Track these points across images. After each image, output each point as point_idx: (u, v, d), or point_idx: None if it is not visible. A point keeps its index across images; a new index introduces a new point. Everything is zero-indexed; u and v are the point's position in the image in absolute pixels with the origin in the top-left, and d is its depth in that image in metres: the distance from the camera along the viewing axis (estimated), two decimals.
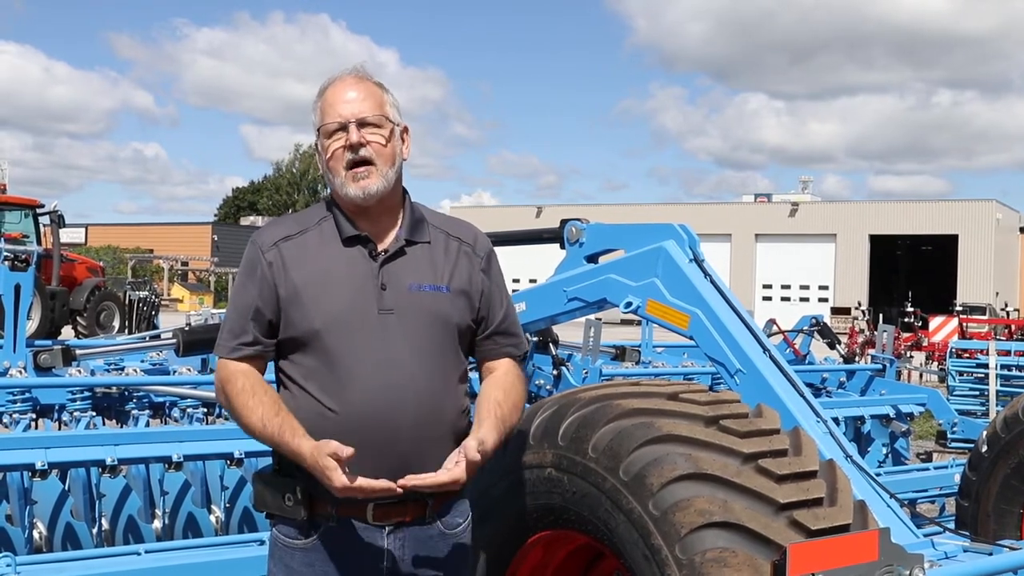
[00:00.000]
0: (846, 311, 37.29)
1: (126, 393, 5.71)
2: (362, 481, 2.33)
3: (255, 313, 2.51)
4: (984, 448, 4.66)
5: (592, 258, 4.50)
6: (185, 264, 56.46)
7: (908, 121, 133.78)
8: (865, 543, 2.11)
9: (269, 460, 2.60)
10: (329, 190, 2.63)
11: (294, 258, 2.51)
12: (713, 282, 3.94)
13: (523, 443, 2.88)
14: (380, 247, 2.54)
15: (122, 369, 6.02)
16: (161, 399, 5.84)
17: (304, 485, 2.47)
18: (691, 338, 3.90)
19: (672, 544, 2.41)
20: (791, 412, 3.47)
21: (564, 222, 4.64)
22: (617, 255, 4.36)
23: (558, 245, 4.68)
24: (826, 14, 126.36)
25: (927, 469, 6.19)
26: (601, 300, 4.25)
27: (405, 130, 2.63)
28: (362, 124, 2.51)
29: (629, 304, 4.06)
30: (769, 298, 52.77)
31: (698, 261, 3.98)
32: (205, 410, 5.78)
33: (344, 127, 2.51)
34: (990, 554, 2.90)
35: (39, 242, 21.41)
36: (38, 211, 21.67)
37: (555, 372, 5.93)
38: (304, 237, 2.55)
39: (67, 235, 37.04)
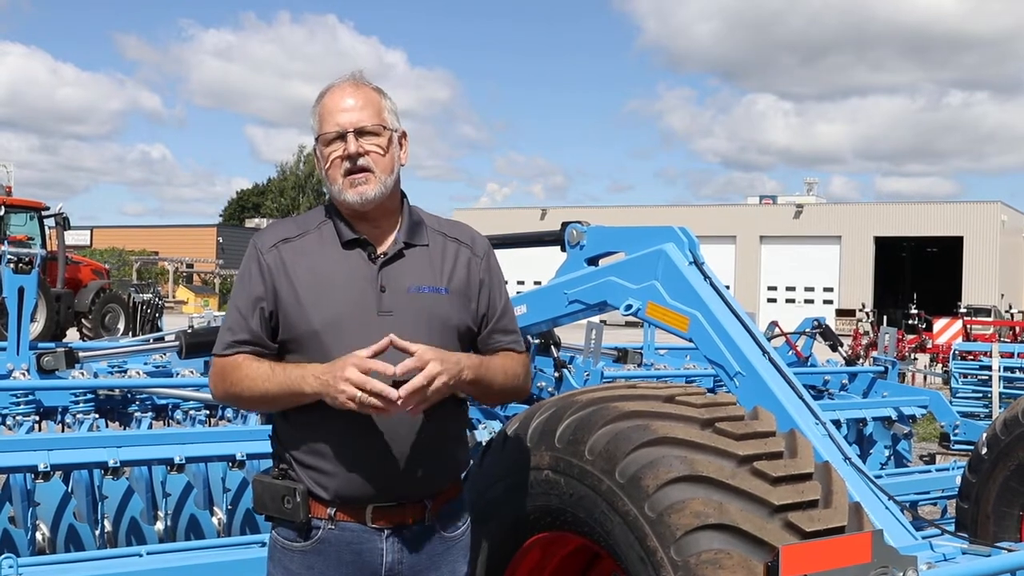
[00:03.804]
0: (851, 313, 37.25)
1: (129, 395, 5.72)
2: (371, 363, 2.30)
3: (257, 312, 2.52)
4: (984, 450, 4.67)
5: (593, 260, 4.51)
6: (190, 266, 56.66)
7: (917, 122, 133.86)
8: (858, 545, 2.12)
9: (271, 462, 2.62)
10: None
11: (293, 260, 2.54)
12: (713, 285, 3.95)
13: (520, 445, 2.90)
14: (379, 250, 2.56)
15: (125, 371, 6.03)
16: (164, 401, 5.85)
17: (304, 488, 2.49)
18: (691, 340, 3.92)
19: (667, 546, 2.42)
20: (790, 415, 3.48)
21: (565, 224, 4.65)
22: (617, 258, 4.37)
23: (559, 248, 4.69)
24: (836, 14, 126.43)
25: (928, 471, 6.19)
26: (601, 302, 4.26)
27: (403, 136, 2.65)
28: (360, 133, 2.53)
29: (629, 306, 4.08)
30: (774, 300, 52.74)
31: (698, 264, 3.99)
32: (208, 412, 5.79)
33: (342, 136, 2.53)
34: (988, 556, 2.91)
35: (44, 245, 21.48)
36: (43, 213, 21.74)
37: (556, 375, 5.93)
38: (303, 240, 2.57)
39: (72, 237, 37.26)
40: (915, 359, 19.65)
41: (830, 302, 50.72)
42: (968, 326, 22.77)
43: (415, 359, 2.33)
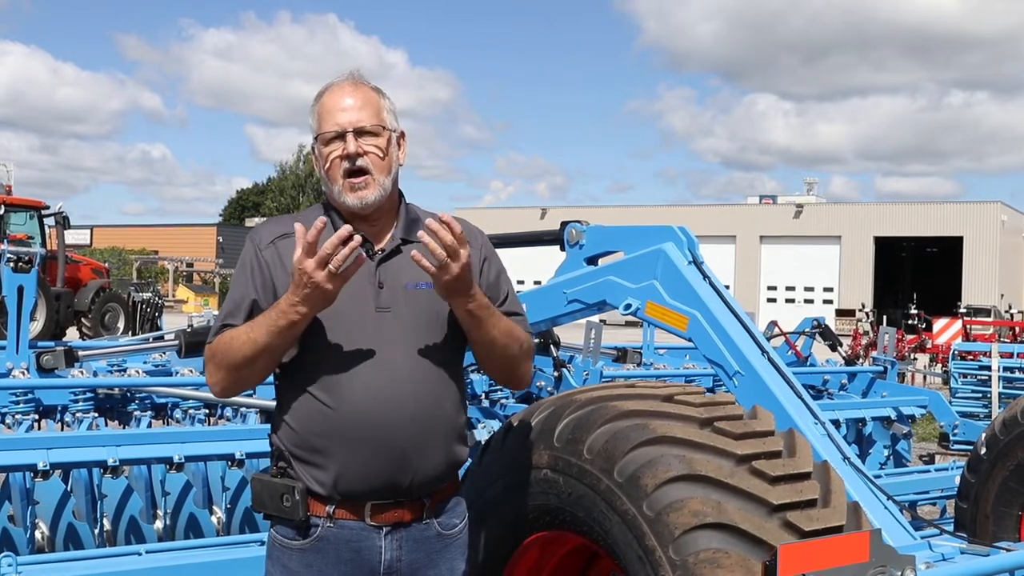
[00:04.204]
0: (850, 313, 37.24)
1: (128, 394, 5.72)
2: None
3: (251, 303, 2.53)
4: (983, 450, 4.67)
5: (592, 260, 4.51)
6: (190, 265, 56.68)
7: (918, 122, 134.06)
8: (856, 544, 2.12)
9: (270, 461, 2.62)
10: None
11: (291, 255, 2.53)
12: (712, 284, 3.95)
13: (519, 444, 2.90)
14: (376, 247, 2.57)
15: (124, 370, 6.03)
16: (163, 400, 5.84)
17: (302, 486, 2.49)
18: (690, 340, 3.92)
19: (666, 545, 2.42)
20: (788, 414, 3.49)
21: (564, 224, 4.65)
22: (616, 257, 4.37)
23: (558, 247, 4.69)
24: (837, 14, 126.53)
25: (928, 471, 6.19)
26: (600, 302, 4.26)
27: (401, 135, 2.65)
28: (360, 133, 2.53)
29: (628, 306, 4.08)
30: (774, 300, 52.74)
31: (697, 263, 3.99)
32: (207, 411, 5.79)
33: (342, 136, 2.53)
34: (987, 555, 2.91)
35: (44, 244, 21.48)
36: (43, 213, 21.74)
37: (556, 374, 5.93)
38: None
39: (72, 237, 37.23)
40: (915, 359, 19.64)
41: (830, 302, 50.71)
42: (968, 326, 22.75)
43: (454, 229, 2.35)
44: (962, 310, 29.73)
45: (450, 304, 2.50)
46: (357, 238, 2.31)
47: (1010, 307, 37.19)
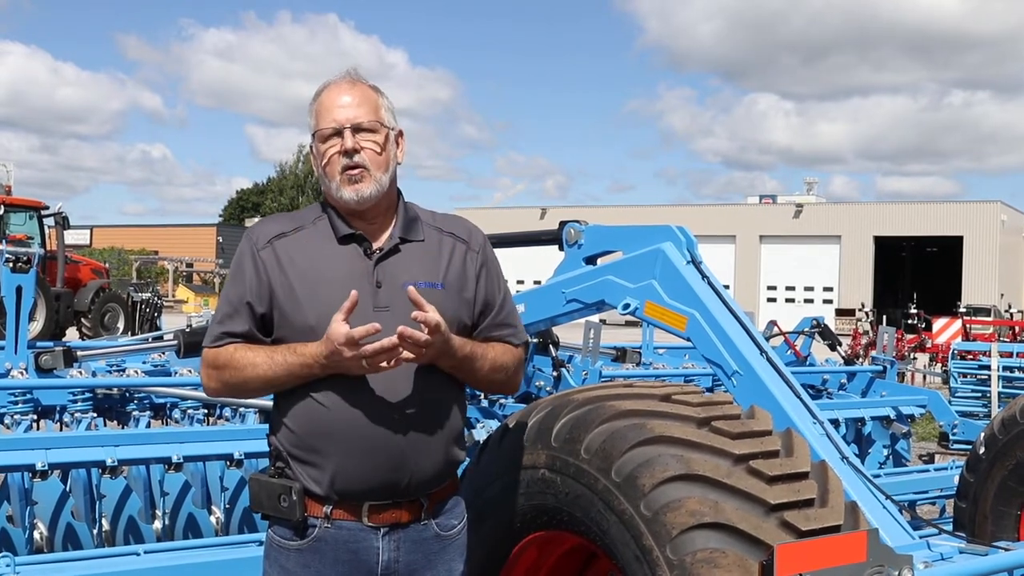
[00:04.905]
0: (850, 313, 37.24)
1: (127, 394, 5.72)
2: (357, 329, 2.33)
3: (246, 307, 2.53)
4: (982, 450, 4.67)
5: (591, 260, 4.50)
6: (190, 266, 56.72)
7: (918, 122, 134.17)
8: (853, 544, 2.11)
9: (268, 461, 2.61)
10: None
11: (288, 255, 2.54)
12: (711, 284, 3.94)
13: (517, 444, 2.90)
14: (375, 246, 2.57)
15: (123, 370, 6.04)
16: (162, 400, 5.85)
17: (300, 486, 2.48)
18: (688, 339, 3.91)
19: (663, 545, 2.42)
20: (787, 414, 3.48)
21: (563, 224, 4.65)
22: (615, 257, 4.37)
23: (557, 247, 4.68)
24: (838, 14, 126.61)
25: (927, 471, 6.19)
26: (599, 302, 4.25)
27: (400, 134, 2.65)
28: (357, 129, 2.53)
29: (627, 306, 4.07)
30: (774, 299, 52.73)
31: (696, 263, 3.98)
32: (206, 411, 5.79)
33: (339, 132, 2.53)
34: (986, 555, 2.90)
35: (44, 244, 21.47)
36: (43, 213, 21.73)
37: (555, 374, 5.93)
38: (299, 235, 2.58)
39: (72, 237, 37.27)
40: (914, 359, 19.64)
41: (830, 302, 50.70)
42: (967, 326, 22.75)
43: (432, 313, 2.38)
44: (962, 310, 29.70)
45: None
46: (397, 345, 2.36)
47: (1010, 307, 37.19)
